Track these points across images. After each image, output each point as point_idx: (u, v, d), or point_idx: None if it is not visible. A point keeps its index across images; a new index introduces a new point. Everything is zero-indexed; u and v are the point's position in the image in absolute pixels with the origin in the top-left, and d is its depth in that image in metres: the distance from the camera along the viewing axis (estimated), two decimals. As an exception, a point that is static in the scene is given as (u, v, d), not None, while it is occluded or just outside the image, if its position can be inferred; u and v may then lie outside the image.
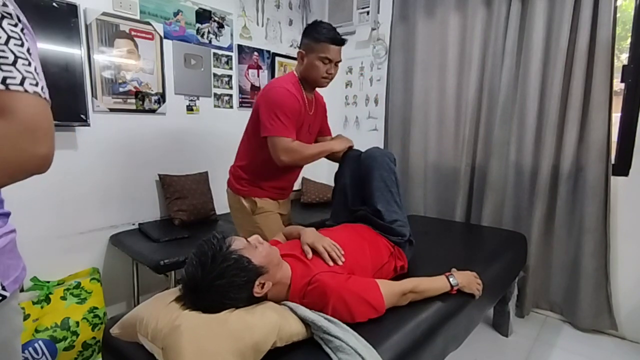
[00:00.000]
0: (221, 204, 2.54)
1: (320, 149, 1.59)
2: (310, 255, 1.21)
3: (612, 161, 1.99)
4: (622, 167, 1.98)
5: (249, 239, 1.06)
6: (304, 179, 3.11)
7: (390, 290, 1.14)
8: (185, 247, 1.89)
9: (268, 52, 2.80)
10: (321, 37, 1.49)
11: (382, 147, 2.86)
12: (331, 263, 1.18)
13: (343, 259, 1.22)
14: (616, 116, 1.99)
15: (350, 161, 1.66)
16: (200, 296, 0.95)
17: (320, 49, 1.50)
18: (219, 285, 0.94)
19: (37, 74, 0.59)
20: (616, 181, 2.00)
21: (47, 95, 0.60)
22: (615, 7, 1.88)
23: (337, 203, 1.70)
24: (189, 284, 0.97)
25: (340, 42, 1.52)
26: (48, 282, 1.80)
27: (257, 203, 1.62)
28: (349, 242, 1.30)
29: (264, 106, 1.48)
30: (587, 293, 2.05)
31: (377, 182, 1.54)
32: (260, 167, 1.60)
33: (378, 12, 2.84)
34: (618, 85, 1.97)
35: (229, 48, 2.56)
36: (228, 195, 1.72)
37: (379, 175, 1.54)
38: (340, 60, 1.57)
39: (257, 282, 1.00)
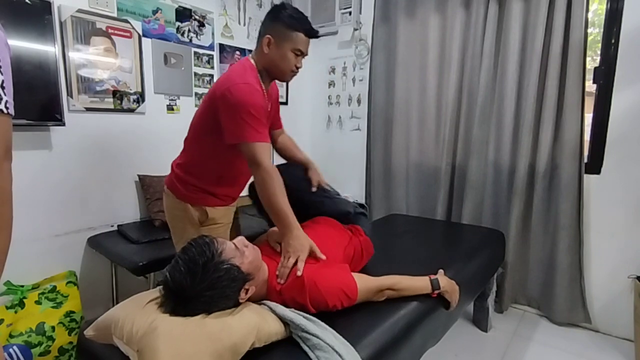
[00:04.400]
0: (203, 204, 2.52)
1: (284, 212, 1.22)
2: (278, 249, 1.21)
3: (585, 160, 2.05)
4: (595, 166, 2.05)
5: (235, 242, 1.03)
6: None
7: (365, 283, 1.15)
8: (165, 248, 1.86)
9: (250, 51, 2.78)
10: (298, 26, 1.29)
11: (364, 146, 2.90)
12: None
13: (324, 257, 1.20)
14: (589, 116, 2.05)
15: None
16: (185, 304, 0.92)
17: (295, 40, 1.29)
18: (209, 296, 0.92)
19: (4, 87, 0.58)
20: (589, 179, 2.06)
21: (11, 110, 0.59)
22: (587, 11, 1.95)
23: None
24: (175, 291, 0.92)
25: (316, 34, 1.34)
26: (22, 286, 1.75)
27: (208, 213, 1.39)
28: (316, 234, 1.30)
29: (227, 108, 1.21)
30: (562, 288, 2.11)
31: (297, 204, 1.30)
32: (215, 171, 1.36)
33: (360, 13, 2.86)
34: (590, 87, 2.04)
35: (210, 47, 2.53)
36: (168, 199, 1.44)
37: (294, 197, 1.33)
38: (307, 54, 1.37)
39: (242, 289, 0.99)
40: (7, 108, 0.58)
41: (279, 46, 1.30)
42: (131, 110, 2.17)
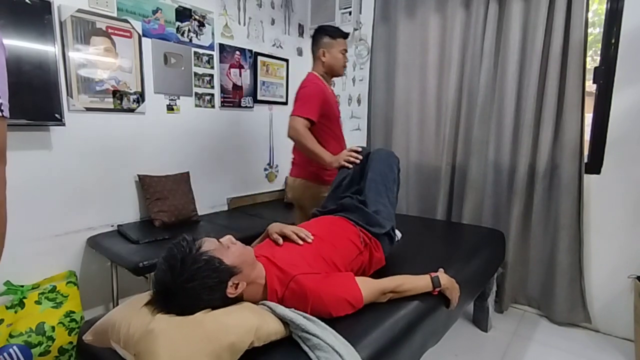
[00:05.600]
0: (203, 204, 2.52)
1: (316, 150, 1.75)
2: (280, 241, 1.24)
3: (585, 160, 2.05)
4: (595, 166, 2.05)
5: (220, 240, 1.05)
6: (287, 178, 3.11)
7: (369, 288, 1.15)
8: (165, 248, 1.86)
9: (250, 51, 2.79)
10: (338, 34, 1.92)
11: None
12: (300, 242, 1.25)
13: (311, 237, 1.27)
14: (588, 116, 2.05)
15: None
16: (172, 300, 0.93)
17: (338, 44, 1.91)
18: (190, 288, 0.93)
19: None
20: (589, 179, 2.06)
21: (6, 112, 0.59)
22: (587, 11, 1.95)
23: (330, 192, 1.73)
24: (159, 288, 0.96)
25: (348, 35, 1.98)
26: (22, 286, 1.75)
27: (321, 189, 1.89)
28: (319, 237, 1.30)
29: (295, 99, 1.84)
30: (562, 288, 2.11)
31: (374, 174, 1.59)
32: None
33: (360, 13, 2.86)
34: (590, 87, 2.04)
35: (210, 47, 2.53)
36: (301, 184, 1.93)
37: (379, 169, 1.60)
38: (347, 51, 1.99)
39: (230, 283, 0.99)
40: (1, 111, 0.58)
41: (331, 52, 1.91)
42: (131, 110, 2.17)
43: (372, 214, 1.51)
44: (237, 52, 2.70)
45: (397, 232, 1.89)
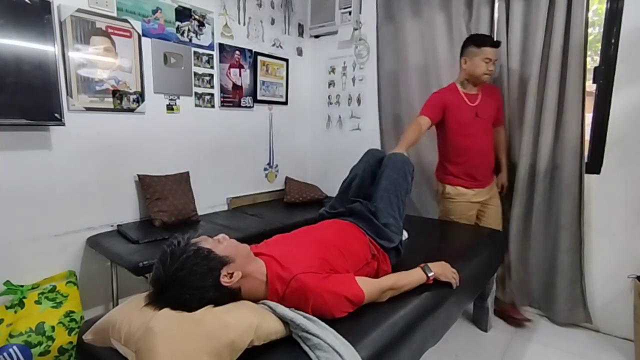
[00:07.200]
0: (203, 204, 2.52)
1: (404, 135, 1.94)
2: None
3: (586, 160, 2.05)
4: (595, 166, 2.05)
5: (214, 237, 1.07)
6: (287, 178, 3.11)
7: (369, 287, 1.15)
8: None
9: (250, 51, 2.78)
10: (483, 43, 1.91)
11: (365, 146, 2.87)
12: None
13: None
14: (588, 116, 2.05)
15: (371, 158, 1.68)
16: (165, 292, 0.96)
17: (483, 53, 1.91)
18: (181, 277, 0.95)
19: None
20: (589, 179, 2.06)
21: None
22: (587, 11, 1.94)
23: (340, 192, 1.72)
24: (154, 284, 0.99)
25: (497, 44, 1.95)
26: (22, 286, 1.75)
27: (445, 188, 2.10)
28: (326, 241, 1.30)
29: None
30: (563, 288, 2.11)
31: (387, 183, 1.56)
32: (444, 154, 2.10)
33: (360, 12, 2.86)
34: (590, 87, 2.04)
35: (210, 47, 2.53)
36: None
37: (393, 178, 1.56)
38: (497, 60, 2.00)
39: (223, 272, 1.00)
40: None
41: (473, 60, 1.95)
42: (131, 110, 2.17)
43: (382, 227, 1.48)
44: (237, 52, 2.70)
45: (404, 232, 1.88)
